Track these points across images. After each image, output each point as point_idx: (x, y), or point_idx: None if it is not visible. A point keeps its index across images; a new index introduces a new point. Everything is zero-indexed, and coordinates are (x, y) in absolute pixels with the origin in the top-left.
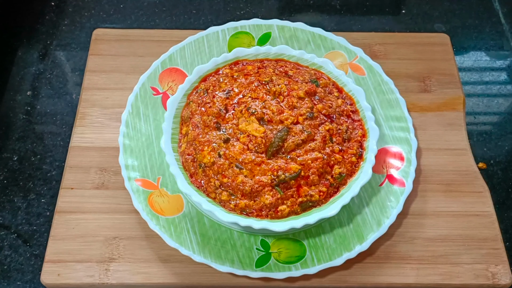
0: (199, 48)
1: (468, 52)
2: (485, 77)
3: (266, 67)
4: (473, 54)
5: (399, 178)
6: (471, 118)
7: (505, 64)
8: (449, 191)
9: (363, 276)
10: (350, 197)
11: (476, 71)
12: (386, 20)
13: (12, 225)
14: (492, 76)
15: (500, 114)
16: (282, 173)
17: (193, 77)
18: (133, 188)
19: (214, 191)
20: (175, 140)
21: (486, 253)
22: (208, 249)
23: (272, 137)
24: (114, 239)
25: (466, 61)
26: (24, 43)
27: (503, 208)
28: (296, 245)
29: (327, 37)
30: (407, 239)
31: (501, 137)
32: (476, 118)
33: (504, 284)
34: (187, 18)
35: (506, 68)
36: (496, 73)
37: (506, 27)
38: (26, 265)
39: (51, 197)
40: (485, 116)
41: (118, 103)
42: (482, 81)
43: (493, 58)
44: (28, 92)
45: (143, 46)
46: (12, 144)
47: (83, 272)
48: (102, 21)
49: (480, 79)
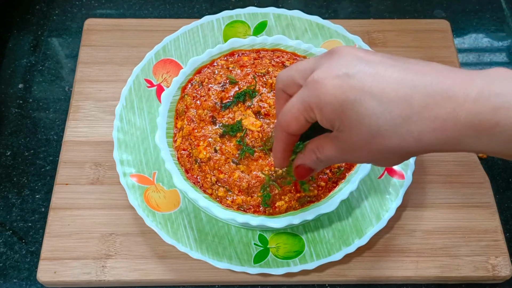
0: (193, 38)
1: (468, 38)
2: (486, 64)
3: (263, 57)
4: (474, 40)
5: (398, 170)
6: None
7: (506, 47)
8: (449, 182)
9: (362, 270)
10: (349, 192)
11: (476, 57)
12: (385, 7)
13: (7, 222)
14: (493, 62)
15: None
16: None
17: (188, 69)
18: (129, 184)
19: (210, 187)
20: (170, 135)
21: (486, 244)
22: (206, 245)
23: (269, 131)
24: (110, 236)
25: (466, 47)
26: (15, 34)
27: (503, 199)
28: (294, 240)
29: (324, 25)
30: (406, 231)
31: None
32: None
33: (504, 276)
34: (181, 6)
35: (507, 52)
36: (497, 58)
37: (508, 13)
38: (22, 263)
39: (45, 193)
40: None
41: (111, 96)
42: (483, 68)
43: (494, 44)
44: (20, 85)
45: (136, 36)
46: (5, 139)
47: (80, 269)
48: (94, 10)
49: (481, 66)
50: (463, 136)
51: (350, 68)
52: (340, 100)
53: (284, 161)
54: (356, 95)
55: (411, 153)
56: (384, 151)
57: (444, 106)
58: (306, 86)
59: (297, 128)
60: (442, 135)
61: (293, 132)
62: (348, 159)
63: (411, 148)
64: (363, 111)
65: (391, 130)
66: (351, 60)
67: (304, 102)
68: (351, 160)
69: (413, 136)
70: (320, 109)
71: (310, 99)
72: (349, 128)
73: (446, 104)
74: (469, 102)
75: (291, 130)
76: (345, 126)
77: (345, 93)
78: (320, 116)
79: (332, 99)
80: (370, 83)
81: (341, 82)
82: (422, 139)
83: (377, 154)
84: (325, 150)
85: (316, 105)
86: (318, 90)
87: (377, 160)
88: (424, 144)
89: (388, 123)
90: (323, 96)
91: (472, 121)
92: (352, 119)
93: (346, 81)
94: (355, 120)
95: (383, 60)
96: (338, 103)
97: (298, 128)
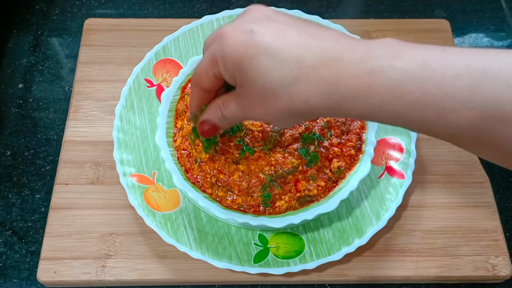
0: (193, 38)
1: (468, 38)
2: None
3: None
4: (474, 40)
5: (399, 170)
6: None
7: (506, 47)
8: (449, 182)
9: (362, 269)
10: (349, 192)
11: None
12: (385, 6)
13: (7, 222)
14: None
15: None
16: (279, 167)
17: (188, 69)
18: (129, 184)
19: (210, 187)
20: (170, 135)
21: (486, 244)
22: (206, 245)
23: (269, 131)
24: (110, 235)
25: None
26: (15, 34)
27: (503, 199)
28: (294, 239)
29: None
30: (406, 231)
31: None
32: None
33: (504, 276)
34: (181, 6)
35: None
36: None
37: (508, 13)
38: (22, 262)
39: (45, 192)
40: None
41: (111, 96)
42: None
43: (494, 44)
44: (19, 84)
45: (136, 36)
46: (5, 139)
47: (80, 269)
48: (94, 9)
49: None
50: (344, 98)
51: (256, 25)
52: (241, 55)
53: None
54: (254, 51)
55: (302, 115)
56: (278, 111)
57: (330, 68)
58: (215, 39)
59: (208, 84)
60: (326, 97)
61: (205, 87)
62: (249, 117)
63: (301, 109)
64: (258, 68)
65: (282, 89)
66: (259, 17)
67: (212, 55)
68: (251, 117)
69: (301, 97)
70: (224, 62)
71: (216, 52)
72: (246, 84)
73: (332, 66)
74: (352, 65)
75: (203, 86)
76: (244, 82)
77: (246, 48)
78: (224, 69)
79: (234, 52)
80: (269, 41)
81: (244, 37)
82: (309, 100)
83: (272, 114)
84: (230, 106)
85: (220, 58)
86: (223, 42)
87: (274, 120)
88: (311, 106)
89: (280, 82)
90: (227, 49)
91: (351, 83)
92: (249, 75)
93: (249, 37)
94: (251, 77)
95: (289, 21)
96: (238, 57)
97: (209, 83)
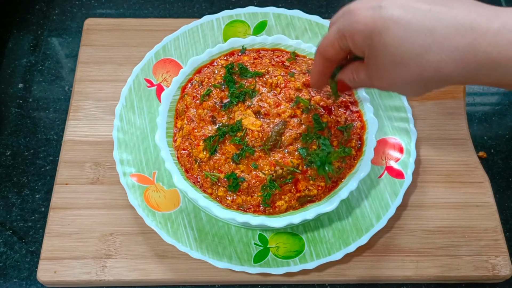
0: (193, 38)
1: None
2: None
3: (262, 57)
4: None
5: (398, 169)
6: (472, 107)
7: None
8: (449, 182)
9: (362, 269)
10: (349, 192)
11: None
12: None
13: (7, 222)
14: None
15: (501, 103)
16: (279, 167)
17: (188, 69)
18: (129, 184)
19: (210, 187)
20: (170, 135)
21: (486, 244)
22: (206, 245)
23: (269, 131)
24: (110, 235)
25: None
26: (14, 34)
27: (503, 199)
28: (294, 239)
29: (324, 25)
30: (406, 231)
31: (501, 126)
32: (477, 106)
33: (504, 276)
34: (181, 6)
35: None
36: None
37: None
38: (22, 262)
39: (45, 192)
40: (486, 105)
41: (111, 96)
42: None
43: None
44: (19, 84)
45: (136, 36)
46: (5, 139)
47: (80, 269)
48: (94, 9)
49: None
50: (481, 66)
51: (384, 1)
52: (370, 28)
53: (317, 82)
54: (384, 24)
55: (431, 84)
56: (406, 80)
57: (465, 36)
58: (342, 16)
59: (332, 54)
60: (461, 65)
61: (329, 57)
62: (375, 85)
63: (431, 78)
64: (389, 40)
65: (412, 59)
66: None
67: (339, 30)
68: (377, 86)
69: (433, 66)
70: (352, 37)
71: (344, 27)
72: (376, 56)
73: (467, 35)
74: (491, 34)
75: (327, 55)
76: (373, 53)
77: (374, 22)
78: (352, 43)
79: (363, 27)
80: (399, 14)
81: (372, 12)
82: (440, 69)
83: (400, 83)
84: (359, 73)
85: (349, 32)
86: (352, 19)
87: (401, 89)
88: (442, 75)
89: (410, 52)
90: (356, 24)
91: (491, 52)
92: (379, 47)
93: (378, 12)
94: (381, 48)
95: None
96: (368, 31)
97: (333, 54)
